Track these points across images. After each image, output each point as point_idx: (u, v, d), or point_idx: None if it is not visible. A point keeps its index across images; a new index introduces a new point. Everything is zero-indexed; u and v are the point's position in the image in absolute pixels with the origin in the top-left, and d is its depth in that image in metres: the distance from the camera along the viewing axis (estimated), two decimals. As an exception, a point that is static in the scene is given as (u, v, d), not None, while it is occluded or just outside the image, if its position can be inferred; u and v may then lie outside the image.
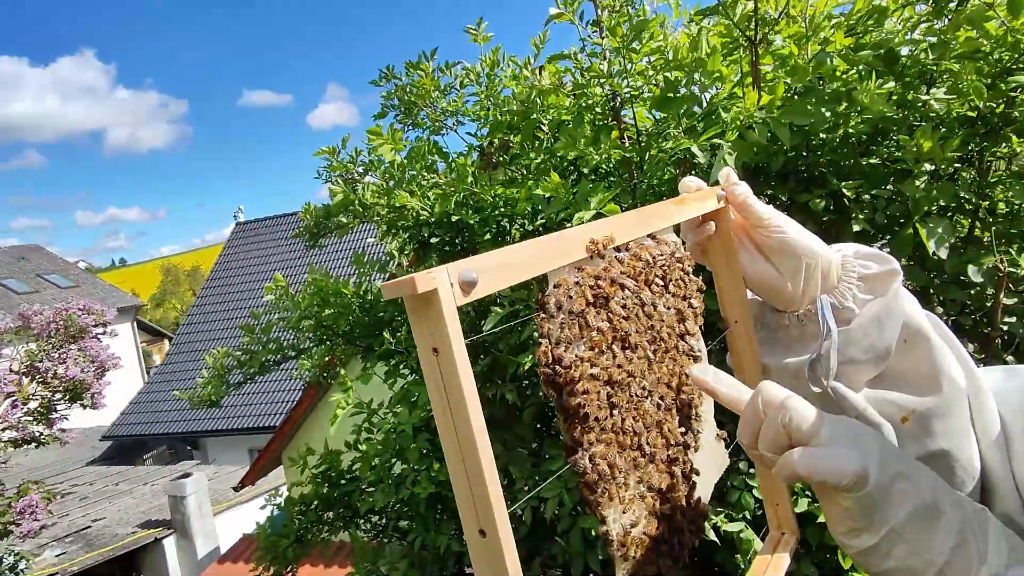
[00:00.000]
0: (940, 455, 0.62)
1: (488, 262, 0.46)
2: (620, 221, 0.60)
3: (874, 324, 0.64)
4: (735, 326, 0.73)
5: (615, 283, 0.59)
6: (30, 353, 5.48)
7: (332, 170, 2.44)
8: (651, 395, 0.63)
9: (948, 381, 0.62)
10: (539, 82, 2.04)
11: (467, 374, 0.43)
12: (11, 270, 21.85)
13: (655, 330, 0.64)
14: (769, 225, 0.66)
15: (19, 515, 5.44)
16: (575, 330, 0.55)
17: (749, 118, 1.50)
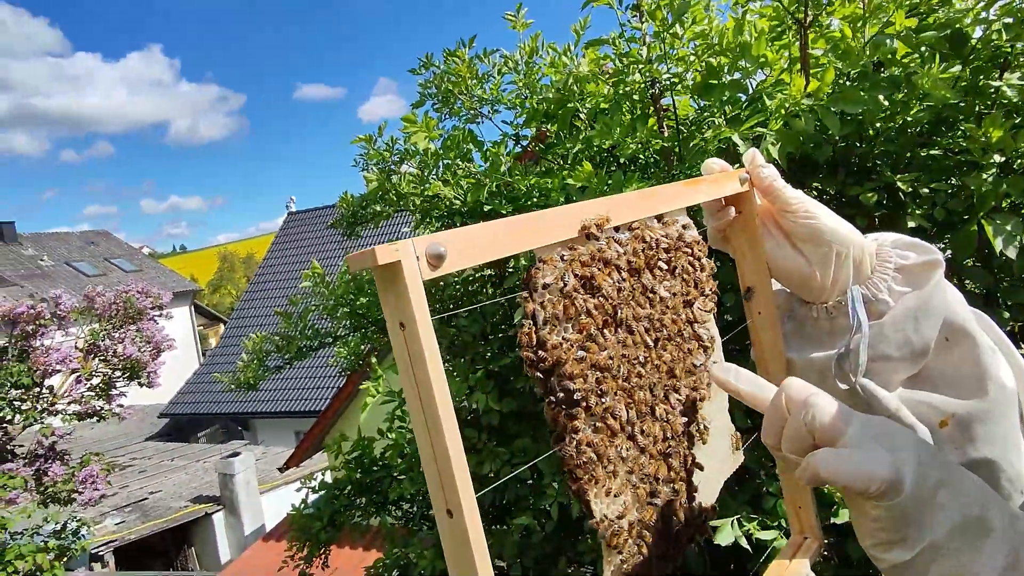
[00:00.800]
0: (983, 464, 0.56)
1: (461, 236, 0.44)
2: (620, 201, 0.57)
3: (910, 319, 0.58)
4: (758, 317, 0.69)
5: (609, 264, 0.56)
6: (93, 332, 5.78)
7: (369, 158, 2.45)
8: (648, 383, 0.59)
9: (995, 384, 0.56)
10: (577, 69, 1.99)
11: (433, 350, 0.41)
12: (82, 254, 23.20)
13: (655, 315, 0.60)
14: (798, 210, 0.61)
15: (81, 484, 5.77)
16: (562, 312, 0.52)
17: (796, 105, 1.42)
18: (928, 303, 0.58)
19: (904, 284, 0.59)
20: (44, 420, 5.38)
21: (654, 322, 0.60)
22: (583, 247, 0.54)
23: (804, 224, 0.60)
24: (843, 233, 0.60)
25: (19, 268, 20.39)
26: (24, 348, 5.05)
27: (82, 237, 24.82)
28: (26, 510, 5.02)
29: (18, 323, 4.97)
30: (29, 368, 5.07)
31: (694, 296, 0.65)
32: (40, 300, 5.16)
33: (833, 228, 0.60)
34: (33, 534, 5.30)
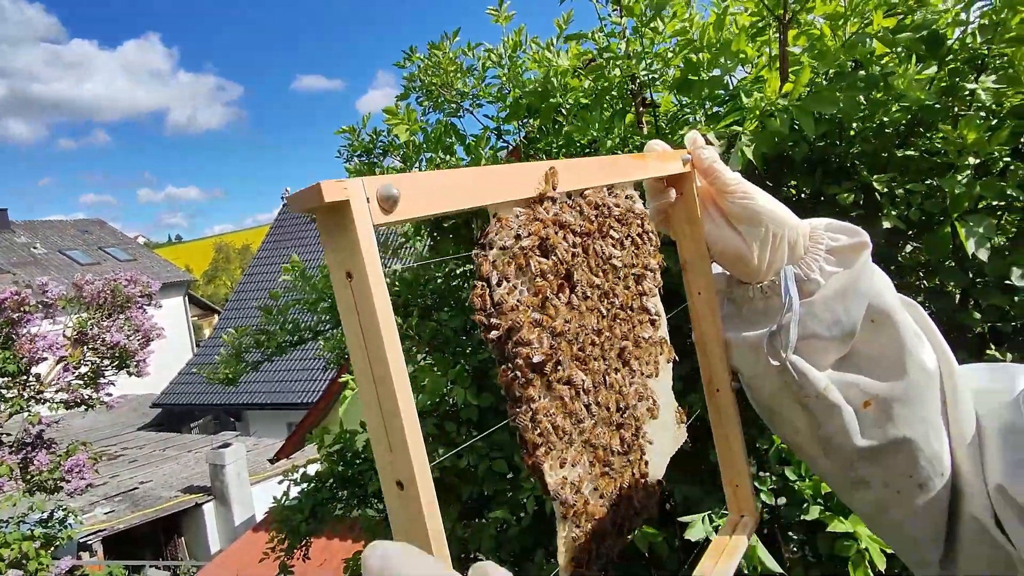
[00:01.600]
0: (902, 443, 0.58)
1: (417, 181, 0.41)
2: (575, 164, 0.56)
3: (838, 298, 0.60)
4: (698, 297, 0.69)
5: (565, 227, 0.55)
6: (81, 321, 5.76)
7: (352, 150, 2.44)
8: (602, 352, 0.59)
9: (916, 367, 0.58)
10: (558, 63, 1.97)
11: (384, 302, 0.37)
12: (76, 242, 23.07)
13: (608, 284, 0.60)
14: (736, 191, 0.62)
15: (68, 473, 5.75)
16: (517, 272, 0.50)
17: (771, 105, 1.41)
18: (855, 283, 0.59)
19: (835, 265, 0.61)
20: (31, 408, 5.36)
21: (607, 291, 0.59)
22: (541, 207, 0.53)
23: (741, 204, 0.61)
24: (779, 214, 0.61)
25: (11, 255, 20.27)
26: (9, 335, 5.02)
27: (76, 225, 24.68)
28: (12, 498, 5.01)
29: (2, 310, 4.94)
30: (14, 355, 5.05)
31: (642, 269, 0.65)
32: (25, 286, 5.13)
33: (770, 209, 0.61)
34: (19, 523, 5.30)
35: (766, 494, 1.77)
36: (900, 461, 0.59)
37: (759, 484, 1.78)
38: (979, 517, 0.56)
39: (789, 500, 1.80)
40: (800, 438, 0.65)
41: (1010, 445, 0.54)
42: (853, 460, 0.61)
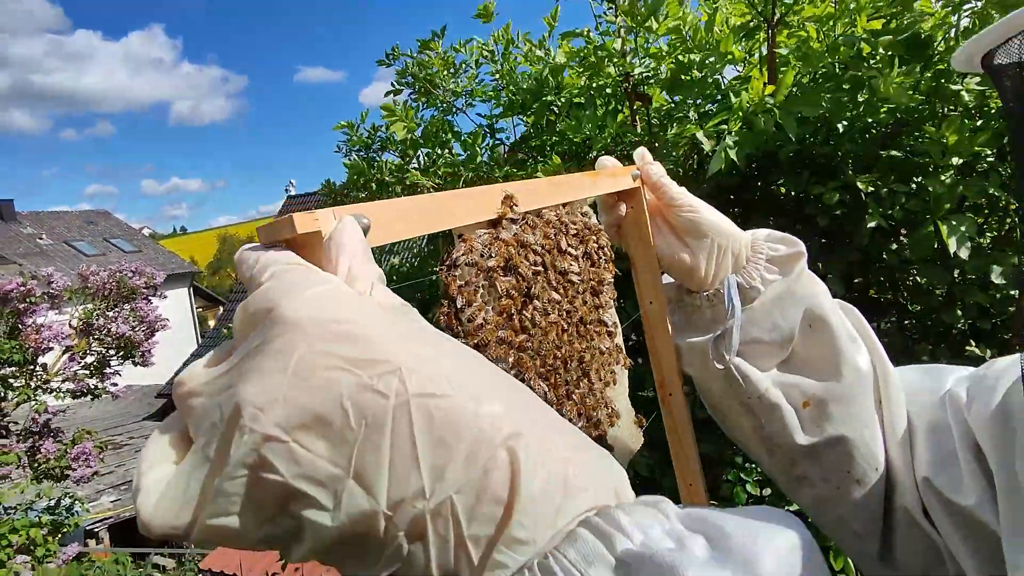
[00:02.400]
0: (838, 440, 0.61)
1: (385, 209, 0.43)
2: (530, 186, 0.59)
3: (776, 304, 0.63)
4: (650, 307, 0.72)
5: (526, 246, 0.57)
6: (86, 311, 5.83)
7: (351, 145, 2.47)
8: (565, 365, 0.62)
9: (849, 368, 0.62)
10: (552, 61, 2.00)
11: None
12: (81, 233, 23.20)
13: (567, 299, 0.63)
14: (682, 205, 0.65)
15: (74, 461, 5.84)
16: (483, 292, 0.53)
17: (755, 106, 1.44)
18: (791, 290, 0.63)
19: (774, 273, 0.65)
20: (38, 397, 5.44)
21: (566, 306, 0.62)
22: (503, 228, 0.55)
23: (687, 218, 0.65)
24: (723, 227, 0.65)
25: (18, 247, 20.41)
26: (16, 325, 5.09)
27: (82, 216, 24.80)
28: (19, 486, 5.10)
29: (9, 301, 5.00)
30: (21, 345, 5.12)
31: (598, 283, 0.68)
32: (31, 277, 5.19)
33: (714, 222, 0.65)
34: (27, 510, 5.38)
35: (752, 485, 1.81)
36: (837, 458, 0.62)
37: (744, 475, 1.82)
38: (909, 508, 0.60)
39: (774, 491, 1.84)
40: (746, 438, 0.68)
41: (935, 440, 0.58)
42: (794, 458, 0.64)
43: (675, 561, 0.25)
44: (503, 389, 0.30)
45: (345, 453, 0.27)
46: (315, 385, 0.27)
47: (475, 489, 0.27)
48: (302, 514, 0.27)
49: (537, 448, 0.28)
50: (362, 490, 0.27)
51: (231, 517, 0.27)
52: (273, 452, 0.26)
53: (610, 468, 0.31)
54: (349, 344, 0.27)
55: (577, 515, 0.28)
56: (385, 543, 0.27)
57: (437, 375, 0.28)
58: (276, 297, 0.28)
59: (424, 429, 0.27)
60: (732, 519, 0.27)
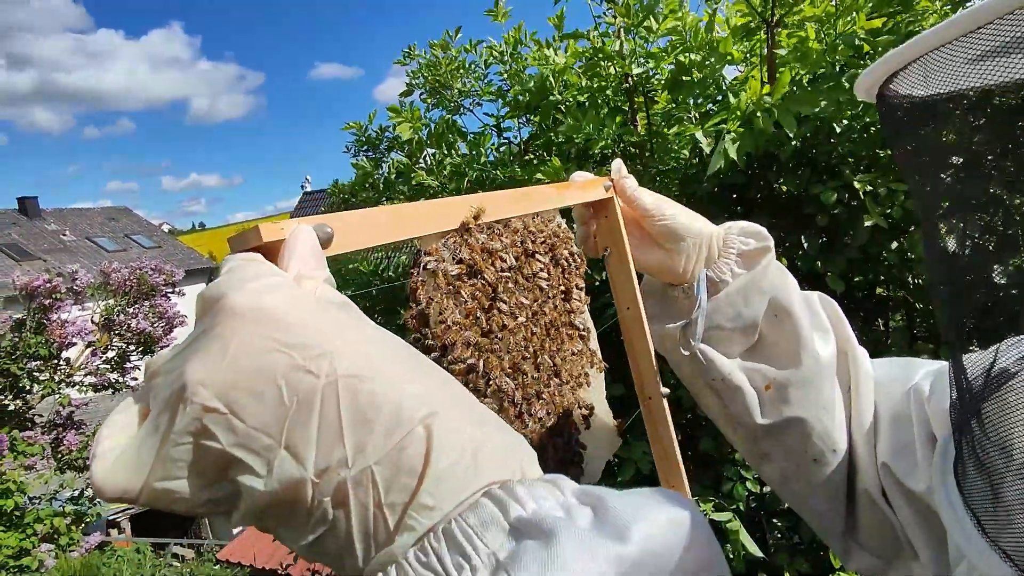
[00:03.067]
0: (795, 422, 0.66)
1: (350, 219, 0.45)
2: (497, 197, 0.61)
3: (739, 295, 0.68)
4: (627, 313, 0.75)
5: (493, 254, 0.60)
6: (108, 307, 5.97)
7: (359, 145, 2.52)
8: (535, 366, 0.65)
9: (809, 356, 0.66)
10: (555, 61, 2.03)
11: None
12: (103, 229, 23.65)
13: (536, 303, 0.65)
14: (655, 214, 0.69)
15: (97, 453, 6.00)
16: (448, 296, 0.56)
17: (755, 105, 1.46)
18: (755, 283, 0.67)
19: (743, 267, 0.69)
20: (61, 391, 5.59)
21: (535, 310, 0.65)
22: (470, 236, 0.58)
23: (662, 226, 0.69)
24: (695, 228, 0.69)
25: (42, 242, 20.87)
26: (41, 321, 5.23)
27: (103, 213, 25.27)
28: (44, 476, 5.25)
29: (36, 297, 5.15)
30: (46, 340, 5.27)
31: (569, 287, 0.71)
32: (56, 274, 5.33)
33: (687, 225, 0.69)
34: (51, 499, 5.54)
35: (752, 482, 1.83)
36: (795, 438, 0.67)
37: (745, 472, 1.84)
38: (870, 491, 0.64)
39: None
40: (715, 415, 0.73)
41: (896, 429, 0.62)
42: (756, 436, 0.69)
43: (556, 525, 0.28)
44: (423, 374, 0.34)
45: (278, 425, 0.30)
46: (253, 364, 0.30)
47: (392, 461, 0.30)
48: (239, 479, 0.30)
49: (449, 427, 0.31)
50: (292, 459, 0.30)
51: (178, 481, 0.30)
52: (213, 422, 0.29)
53: (518, 448, 0.34)
54: (285, 330, 0.31)
55: (482, 487, 0.31)
56: (312, 508, 0.30)
57: (363, 360, 0.31)
58: (224, 288, 0.32)
59: (349, 406, 0.30)
60: (620, 496, 0.30)
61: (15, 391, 5.37)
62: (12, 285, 5.21)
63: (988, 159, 0.42)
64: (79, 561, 7.09)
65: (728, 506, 1.79)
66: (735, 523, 1.71)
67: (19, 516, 4.96)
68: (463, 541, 0.29)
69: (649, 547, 0.28)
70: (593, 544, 0.27)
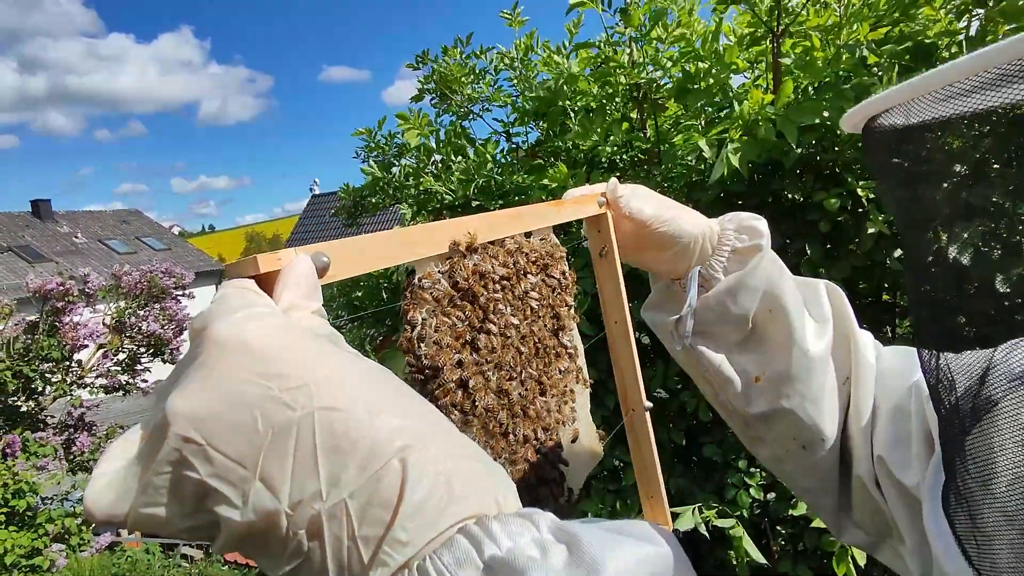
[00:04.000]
0: (783, 412, 0.69)
1: (344, 247, 0.46)
2: (491, 220, 0.63)
3: (728, 295, 0.70)
4: (614, 326, 0.77)
5: (484, 277, 0.61)
6: (119, 310, 6.04)
7: (368, 151, 2.55)
8: (522, 384, 0.66)
9: (798, 351, 0.68)
10: (566, 69, 2.05)
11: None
12: (114, 232, 23.89)
13: (526, 323, 0.67)
14: (653, 223, 0.71)
15: (107, 454, 6.07)
16: (440, 319, 0.57)
17: (758, 115, 1.47)
18: (743, 282, 0.70)
19: (735, 264, 0.71)
20: (73, 392, 5.66)
21: (524, 329, 0.67)
22: (462, 259, 0.59)
23: (661, 233, 0.71)
24: (690, 230, 0.71)
25: (55, 245, 21.11)
26: (54, 323, 5.30)
27: (115, 216, 25.53)
28: (56, 477, 5.31)
29: (48, 299, 5.22)
30: (59, 342, 5.34)
31: (559, 305, 0.73)
32: (69, 277, 5.40)
33: (685, 229, 0.71)
34: (63, 500, 5.59)
35: (755, 489, 1.84)
36: (784, 426, 0.70)
37: (748, 479, 1.85)
38: (863, 478, 0.66)
39: (778, 495, 1.86)
40: (711, 400, 0.77)
41: (895, 422, 0.63)
42: (748, 422, 0.73)
43: (528, 566, 0.28)
44: (403, 405, 0.34)
45: (253, 456, 0.30)
46: (230, 395, 0.30)
47: (367, 494, 0.30)
48: (216, 510, 0.30)
49: (425, 459, 0.31)
50: (267, 490, 0.30)
51: (159, 508, 0.31)
52: (191, 452, 0.30)
53: (496, 480, 0.34)
54: (264, 361, 0.31)
55: (457, 521, 0.31)
56: (287, 540, 0.30)
57: (341, 392, 0.31)
58: (211, 318, 0.32)
59: (324, 438, 0.30)
60: (594, 533, 0.30)
61: (28, 392, 5.44)
62: (26, 287, 5.29)
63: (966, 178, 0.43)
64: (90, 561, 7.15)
65: (732, 512, 1.79)
66: (738, 529, 1.72)
67: (31, 516, 5.02)
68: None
69: None
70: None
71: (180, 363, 0.33)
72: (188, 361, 0.32)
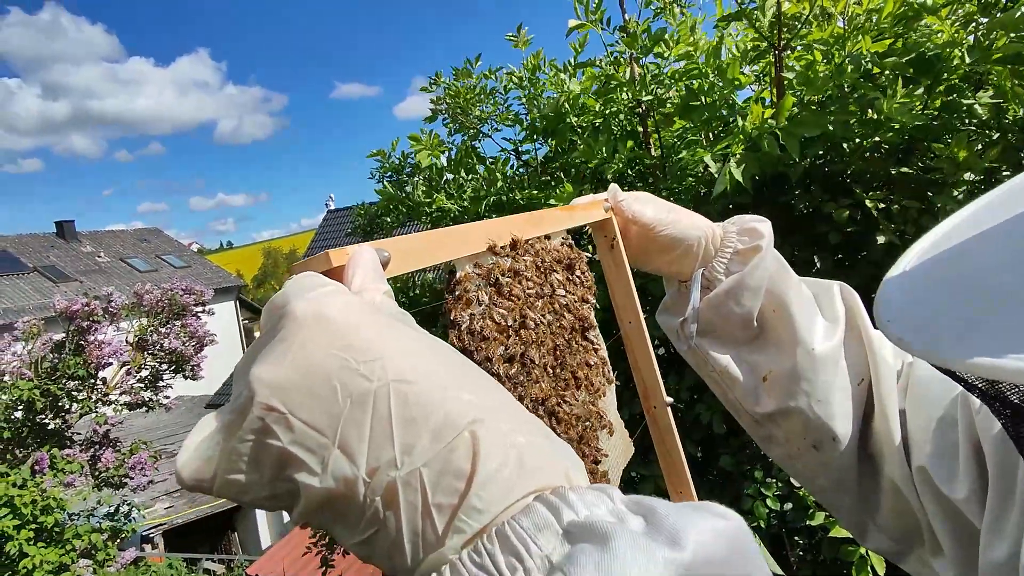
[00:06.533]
0: (792, 411, 0.70)
1: (398, 245, 0.49)
2: (514, 222, 0.66)
3: (729, 296, 0.72)
4: (629, 326, 0.79)
5: (519, 274, 0.64)
6: (141, 327, 6.17)
7: (383, 171, 2.60)
8: (559, 377, 0.68)
9: (802, 351, 0.69)
10: (569, 88, 2.08)
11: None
12: (135, 250, 24.37)
13: (557, 318, 0.69)
14: (656, 226, 0.74)
15: (131, 469, 6.17)
16: (483, 315, 0.59)
17: (759, 129, 1.49)
18: (745, 281, 0.71)
19: (736, 265, 0.73)
20: (98, 409, 5.77)
21: (556, 325, 0.69)
22: (500, 259, 0.62)
23: (664, 236, 0.74)
24: (692, 232, 0.73)
25: (78, 264, 21.59)
26: (79, 342, 5.43)
27: (135, 235, 26.05)
28: (82, 492, 5.40)
29: (74, 319, 5.35)
30: (84, 361, 5.46)
31: (582, 302, 0.75)
32: (94, 297, 5.53)
33: (688, 232, 0.73)
34: (89, 515, 5.69)
35: (772, 499, 1.84)
36: (792, 425, 0.70)
37: (765, 490, 1.85)
38: (895, 480, 0.65)
39: (795, 505, 1.85)
40: (722, 401, 0.78)
41: (939, 433, 0.62)
42: (758, 420, 0.74)
43: (611, 529, 0.28)
44: (472, 382, 0.35)
45: (332, 425, 0.31)
46: (311, 367, 0.32)
47: (440, 463, 0.31)
48: (295, 477, 0.32)
49: (496, 432, 0.32)
50: (345, 458, 0.31)
51: (241, 475, 0.33)
52: (274, 420, 0.31)
53: (564, 455, 0.35)
54: (341, 335, 0.33)
55: (529, 491, 0.31)
56: (364, 507, 0.31)
57: (414, 366, 0.33)
58: (288, 296, 0.34)
59: (399, 410, 0.31)
60: (670, 504, 0.30)
61: (55, 410, 5.56)
62: (53, 308, 5.43)
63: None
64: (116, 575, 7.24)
65: (749, 523, 1.79)
66: (756, 540, 1.71)
67: (59, 532, 5.11)
68: (516, 543, 0.29)
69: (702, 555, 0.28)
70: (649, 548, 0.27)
71: (258, 340, 0.35)
72: (268, 337, 0.34)
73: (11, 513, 4.77)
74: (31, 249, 21.34)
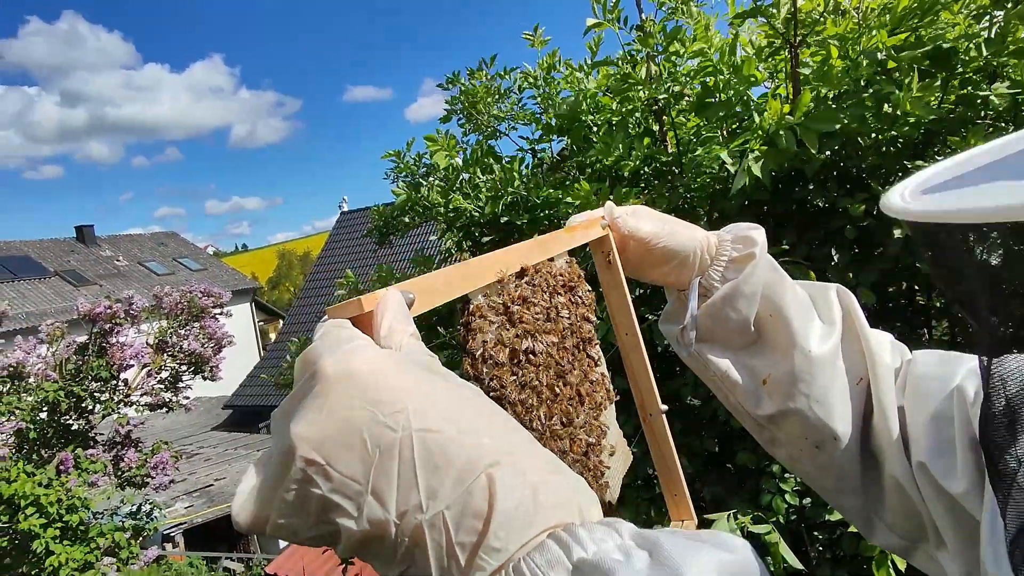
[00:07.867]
0: (792, 413, 0.72)
1: (420, 284, 0.53)
2: (522, 249, 0.69)
3: (725, 303, 0.74)
4: (625, 338, 0.81)
5: (527, 301, 0.68)
6: (161, 329, 6.27)
7: (398, 172, 2.63)
8: (566, 397, 0.71)
9: (799, 353, 0.71)
10: (586, 85, 2.10)
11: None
12: (153, 254, 24.75)
13: (562, 338, 0.72)
14: (653, 240, 0.76)
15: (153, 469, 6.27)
16: (493, 342, 0.63)
17: (778, 124, 1.50)
18: (738, 289, 0.73)
19: (732, 273, 0.75)
20: (120, 410, 5.88)
21: (562, 344, 0.72)
22: (508, 289, 0.66)
23: (661, 248, 0.76)
24: (687, 243, 0.76)
25: (98, 268, 21.97)
26: (102, 344, 5.54)
27: (153, 239, 26.44)
28: (106, 492, 5.51)
29: (97, 322, 5.46)
30: (107, 363, 5.57)
31: (584, 322, 0.78)
32: (115, 301, 5.63)
33: (684, 244, 0.76)
34: (112, 514, 5.80)
35: (791, 495, 1.84)
36: (793, 427, 0.73)
37: (784, 485, 1.85)
38: (897, 478, 0.67)
39: (814, 501, 1.86)
40: (725, 404, 0.80)
41: (936, 429, 0.64)
42: (760, 423, 0.76)
43: (614, 567, 0.31)
44: (491, 423, 0.38)
45: (365, 473, 0.34)
46: (343, 421, 0.35)
47: (461, 505, 0.34)
48: (336, 520, 0.35)
49: (512, 473, 0.35)
50: (377, 503, 0.34)
51: (290, 519, 0.36)
52: (315, 472, 0.35)
53: (578, 491, 0.38)
54: (368, 389, 0.36)
55: (545, 528, 0.34)
56: (397, 546, 0.34)
57: (436, 414, 0.36)
58: (319, 353, 0.37)
59: (423, 457, 0.34)
60: (674, 539, 0.33)
61: (79, 411, 5.67)
62: (75, 311, 5.54)
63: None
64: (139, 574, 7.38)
65: (767, 519, 1.80)
66: (774, 535, 1.72)
67: (83, 531, 5.21)
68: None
69: None
70: None
71: (294, 394, 0.38)
72: (303, 392, 0.37)
73: (37, 512, 4.87)
74: (52, 254, 21.74)
